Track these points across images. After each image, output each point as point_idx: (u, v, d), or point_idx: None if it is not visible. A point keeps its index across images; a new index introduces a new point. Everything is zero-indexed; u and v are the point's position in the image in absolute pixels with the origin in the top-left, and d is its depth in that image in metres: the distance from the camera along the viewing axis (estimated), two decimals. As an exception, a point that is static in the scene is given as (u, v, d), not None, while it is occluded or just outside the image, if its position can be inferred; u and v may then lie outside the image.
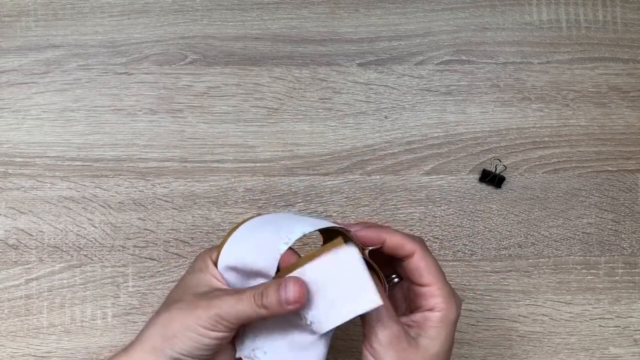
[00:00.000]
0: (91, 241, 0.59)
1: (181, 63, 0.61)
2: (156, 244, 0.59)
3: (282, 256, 0.41)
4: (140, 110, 0.61)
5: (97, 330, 0.58)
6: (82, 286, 0.58)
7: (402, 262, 0.43)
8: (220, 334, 0.39)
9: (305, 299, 0.39)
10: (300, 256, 0.42)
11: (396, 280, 0.46)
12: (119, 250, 0.59)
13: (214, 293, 0.41)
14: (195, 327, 0.39)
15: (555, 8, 0.64)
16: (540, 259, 0.60)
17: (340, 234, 0.41)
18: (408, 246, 0.41)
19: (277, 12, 0.63)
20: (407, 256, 0.42)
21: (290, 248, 0.41)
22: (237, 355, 0.43)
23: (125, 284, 0.58)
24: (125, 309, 0.58)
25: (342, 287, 0.39)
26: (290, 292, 0.39)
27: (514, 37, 0.63)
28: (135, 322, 0.58)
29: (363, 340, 0.41)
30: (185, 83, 0.61)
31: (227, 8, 0.63)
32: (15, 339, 0.58)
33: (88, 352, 0.57)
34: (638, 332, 0.60)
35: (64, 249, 0.59)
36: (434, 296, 0.41)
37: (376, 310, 0.39)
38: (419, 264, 0.41)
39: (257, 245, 0.42)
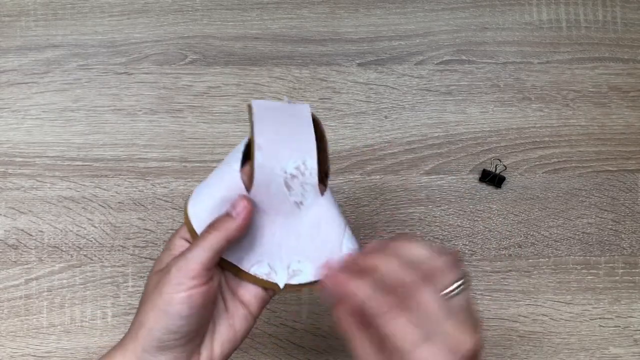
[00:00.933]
0: (91, 241, 0.59)
1: (181, 63, 0.61)
2: (156, 244, 0.59)
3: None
4: (140, 110, 0.61)
5: (96, 330, 0.58)
6: (81, 286, 0.58)
7: None
8: (188, 292, 0.37)
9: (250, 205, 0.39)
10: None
11: None
12: (118, 250, 0.59)
13: (168, 264, 0.39)
14: (162, 298, 0.37)
15: (555, 8, 0.64)
16: (540, 259, 0.60)
17: None
18: (369, 310, 0.36)
19: (277, 12, 0.63)
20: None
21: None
22: (280, 284, 0.41)
23: (125, 284, 0.58)
24: (125, 309, 0.58)
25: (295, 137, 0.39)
26: (238, 204, 0.38)
27: (514, 37, 0.63)
28: (135, 322, 0.58)
29: None
30: (185, 83, 0.61)
31: (227, 8, 0.63)
32: (15, 339, 0.58)
33: (88, 352, 0.57)
34: (638, 332, 0.60)
35: (64, 249, 0.59)
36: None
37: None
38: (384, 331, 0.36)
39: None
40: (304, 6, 0.63)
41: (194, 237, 0.40)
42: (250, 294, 0.41)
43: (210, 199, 0.40)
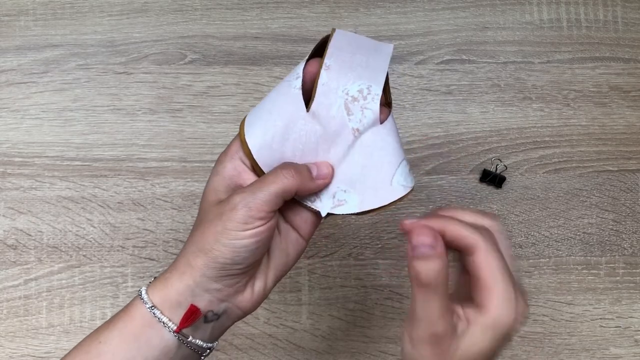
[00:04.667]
0: (90, 241, 0.59)
1: (180, 62, 0.61)
2: (155, 244, 0.59)
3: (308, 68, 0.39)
4: (140, 110, 0.61)
5: (96, 330, 0.58)
6: (81, 286, 0.58)
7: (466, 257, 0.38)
8: (255, 230, 0.37)
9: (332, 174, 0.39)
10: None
11: None
12: (118, 250, 0.59)
13: (233, 194, 0.38)
14: (227, 232, 0.37)
15: (556, 7, 0.64)
16: (541, 259, 0.60)
17: None
18: (468, 241, 0.36)
19: (277, 12, 0.62)
20: (467, 252, 0.36)
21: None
22: (322, 212, 0.41)
23: (124, 284, 0.58)
24: (124, 310, 0.58)
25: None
26: (323, 169, 0.39)
27: (514, 36, 0.63)
28: (135, 323, 0.58)
29: (405, 321, 0.37)
30: (184, 82, 0.61)
31: (226, 7, 0.62)
32: (14, 339, 0.57)
33: (87, 353, 0.57)
34: (639, 332, 0.60)
35: (63, 249, 0.58)
36: (490, 298, 0.35)
37: (427, 302, 0.35)
38: (478, 263, 0.36)
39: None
40: (304, 6, 0.63)
41: (252, 161, 0.39)
42: (301, 218, 0.41)
43: (269, 119, 0.39)
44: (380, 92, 0.38)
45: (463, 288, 0.39)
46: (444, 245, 0.36)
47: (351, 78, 0.38)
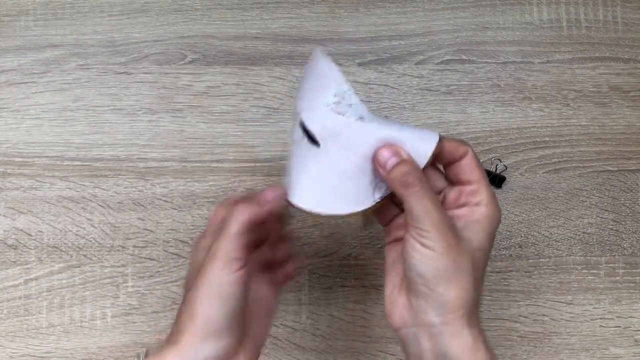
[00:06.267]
0: (90, 241, 0.59)
1: (181, 62, 0.61)
2: (155, 244, 0.59)
3: None
4: (140, 110, 0.61)
5: (96, 330, 0.58)
6: (81, 286, 0.58)
7: (456, 164, 0.42)
8: (235, 274, 0.39)
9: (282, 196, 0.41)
10: None
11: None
12: (118, 250, 0.59)
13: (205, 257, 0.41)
14: (215, 285, 0.39)
15: (556, 7, 0.64)
16: (541, 259, 0.60)
17: None
18: (461, 148, 0.42)
19: (277, 12, 0.63)
20: (461, 157, 0.42)
21: None
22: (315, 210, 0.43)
23: (124, 284, 0.58)
24: (124, 309, 0.58)
25: None
26: (268, 193, 0.41)
27: (514, 36, 0.63)
28: (135, 323, 0.58)
29: (407, 229, 0.39)
30: (184, 83, 0.61)
31: (226, 7, 0.62)
32: (15, 339, 0.57)
33: (87, 353, 0.57)
34: (639, 332, 0.60)
35: (63, 249, 0.59)
36: (481, 192, 0.41)
37: (420, 199, 0.39)
38: (470, 162, 0.41)
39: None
40: (304, 6, 0.63)
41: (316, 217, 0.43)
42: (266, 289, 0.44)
43: (303, 174, 0.42)
44: (347, 87, 0.40)
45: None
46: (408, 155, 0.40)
47: (320, 95, 0.40)
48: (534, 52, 0.63)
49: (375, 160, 0.40)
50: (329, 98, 0.40)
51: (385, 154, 0.40)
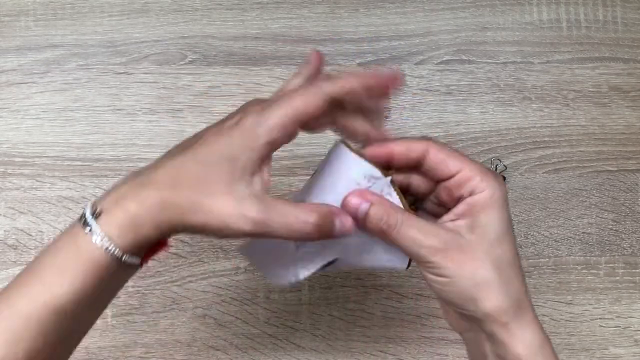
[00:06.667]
0: (91, 241, 0.59)
1: (181, 63, 0.61)
2: (156, 244, 0.59)
3: None
4: (140, 110, 0.61)
5: (96, 330, 0.58)
6: (81, 286, 0.58)
7: (421, 167, 0.39)
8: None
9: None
10: None
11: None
12: (118, 250, 0.59)
13: (262, 197, 0.36)
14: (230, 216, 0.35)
15: (556, 8, 0.64)
16: (541, 259, 0.60)
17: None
18: (417, 146, 0.38)
19: (277, 12, 0.63)
20: (422, 157, 0.38)
21: None
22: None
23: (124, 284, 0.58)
24: (124, 309, 0.58)
25: None
26: (347, 223, 0.37)
27: (514, 36, 0.63)
28: (135, 323, 0.58)
29: (421, 270, 0.38)
30: (185, 83, 0.61)
31: (226, 8, 0.62)
32: (15, 339, 0.57)
33: (87, 352, 0.57)
34: (639, 332, 0.60)
35: (64, 249, 0.58)
36: (469, 179, 0.37)
37: (406, 237, 0.37)
38: (437, 157, 0.37)
39: None
40: (304, 6, 0.63)
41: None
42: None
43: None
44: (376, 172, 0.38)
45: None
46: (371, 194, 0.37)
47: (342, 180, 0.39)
48: (534, 52, 0.63)
49: (345, 208, 0.37)
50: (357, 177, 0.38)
51: (354, 201, 0.37)
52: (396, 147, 0.38)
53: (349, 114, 0.39)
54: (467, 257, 0.36)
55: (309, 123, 0.37)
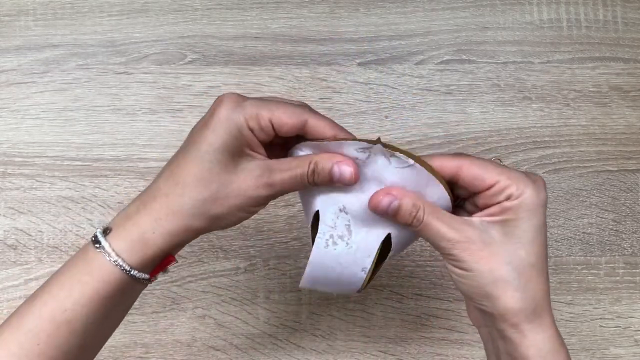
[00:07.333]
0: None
1: (181, 62, 0.61)
2: (156, 244, 0.59)
3: None
4: (140, 110, 0.61)
5: (96, 330, 0.58)
6: (81, 286, 0.58)
7: (457, 182, 0.39)
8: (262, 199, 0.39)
9: (358, 178, 0.38)
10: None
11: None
12: (118, 250, 0.59)
13: (264, 162, 0.38)
14: (245, 191, 0.38)
15: (556, 7, 0.64)
16: (541, 259, 0.60)
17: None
18: (450, 164, 0.38)
19: (277, 12, 0.62)
20: (456, 174, 0.38)
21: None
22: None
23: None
24: (124, 309, 0.58)
25: None
26: (346, 171, 0.37)
27: (514, 36, 0.63)
28: (135, 323, 0.58)
29: (444, 260, 0.39)
30: (184, 82, 0.61)
31: (226, 7, 0.62)
32: (15, 340, 0.57)
33: (87, 353, 0.57)
34: (639, 332, 0.60)
35: (63, 249, 0.59)
36: (505, 188, 0.37)
37: (431, 229, 0.37)
38: (471, 172, 0.38)
39: None
40: (304, 6, 0.63)
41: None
42: None
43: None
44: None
45: None
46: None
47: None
48: (534, 52, 0.63)
49: (374, 207, 0.38)
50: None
51: (385, 201, 0.37)
52: (436, 162, 0.39)
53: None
54: (489, 253, 0.37)
55: (279, 128, 0.38)
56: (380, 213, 0.38)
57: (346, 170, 0.37)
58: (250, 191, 0.38)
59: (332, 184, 0.38)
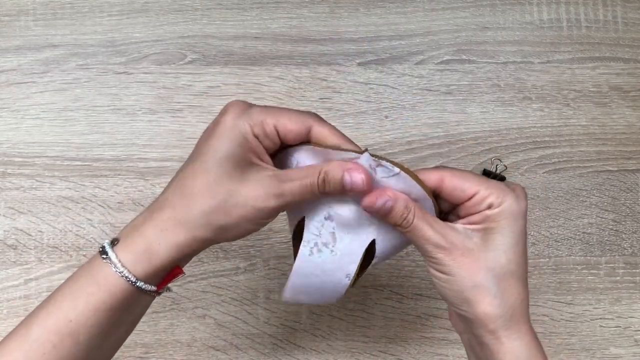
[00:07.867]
0: (90, 241, 0.59)
1: (180, 62, 0.61)
2: (155, 244, 0.59)
3: None
4: (140, 110, 0.61)
5: (96, 330, 0.58)
6: (81, 286, 0.58)
7: (440, 194, 0.40)
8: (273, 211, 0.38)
9: (370, 187, 0.37)
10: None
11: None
12: (118, 250, 0.59)
13: (272, 172, 0.38)
14: (253, 201, 0.37)
15: (556, 7, 0.64)
16: (541, 259, 0.60)
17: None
18: (432, 177, 0.39)
19: (277, 12, 0.62)
20: (438, 186, 0.39)
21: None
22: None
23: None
24: (124, 309, 0.58)
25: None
26: (357, 179, 0.37)
27: (514, 36, 0.63)
28: (135, 323, 0.58)
29: (425, 263, 0.39)
30: (184, 83, 0.61)
31: (226, 7, 0.62)
32: (14, 340, 0.57)
33: (87, 353, 0.57)
34: (639, 332, 0.60)
35: (63, 249, 0.59)
36: (486, 197, 0.38)
37: (420, 230, 0.38)
38: (452, 183, 0.38)
39: None
40: (304, 6, 0.63)
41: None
42: None
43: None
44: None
45: None
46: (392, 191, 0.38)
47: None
48: (534, 52, 0.63)
49: (368, 206, 0.38)
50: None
51: (380, 200, 0.37)
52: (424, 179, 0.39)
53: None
54: (470, 259, 0.37)
55: (284, 136, 0.38)
56: (373, 212, 0.38)
57: (357, 177, 0.37)
58: (259, 202, 0.37)
59: (344, 192, 0.38)
